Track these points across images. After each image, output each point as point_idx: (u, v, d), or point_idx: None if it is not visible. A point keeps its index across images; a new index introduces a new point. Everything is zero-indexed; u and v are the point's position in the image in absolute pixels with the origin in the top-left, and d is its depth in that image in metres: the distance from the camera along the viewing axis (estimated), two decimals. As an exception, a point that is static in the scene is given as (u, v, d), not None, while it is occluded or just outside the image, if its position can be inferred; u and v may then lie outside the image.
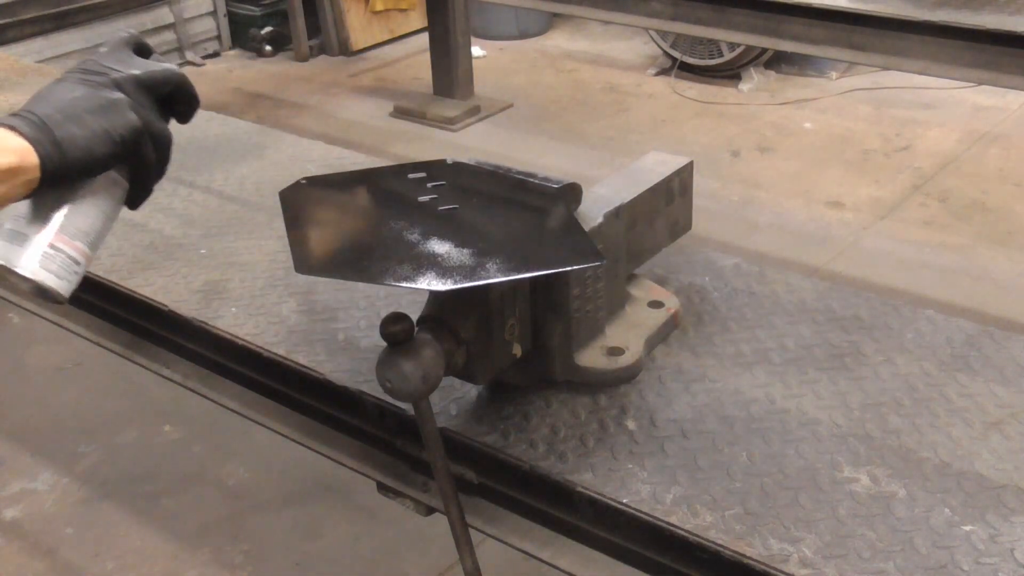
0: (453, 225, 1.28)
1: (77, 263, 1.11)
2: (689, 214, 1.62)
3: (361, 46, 6.31)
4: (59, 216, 1.10)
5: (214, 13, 6.31)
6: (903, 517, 1.17)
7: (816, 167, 4.64)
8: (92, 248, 1.13)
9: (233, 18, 6.39)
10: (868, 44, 3.21)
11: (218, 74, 6.14)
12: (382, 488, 1.47)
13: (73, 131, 1.05)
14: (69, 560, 2.72)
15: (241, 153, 2.17)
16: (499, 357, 1.29)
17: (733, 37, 3.57)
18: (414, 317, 1.21)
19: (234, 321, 1.61)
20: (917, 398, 1.36)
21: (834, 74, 5.54)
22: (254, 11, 6.29)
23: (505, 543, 1.35)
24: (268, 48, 6.29)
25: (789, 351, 1.46)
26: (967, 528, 1.15)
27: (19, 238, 1.10)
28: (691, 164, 1.59)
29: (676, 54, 5.62)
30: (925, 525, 1.16)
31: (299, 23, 6.16)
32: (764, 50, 5.26)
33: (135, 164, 1.13)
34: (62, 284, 1.10)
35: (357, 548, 2.72)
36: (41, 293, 1.10)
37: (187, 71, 6.08)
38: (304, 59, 6.23)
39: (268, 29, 6.28)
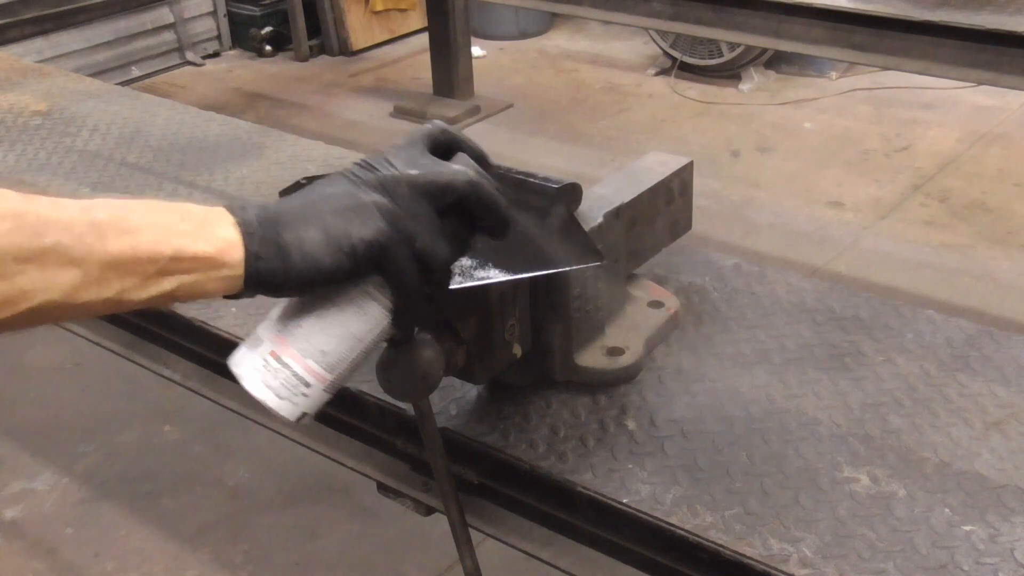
0: (453, 225, 1.28)
1: (306, 384, 0.95)
2: (689, 214, 1.62)
3: (361, 46, 6.31)
4: (293, 327, 0.95)
5: (214, 13, 6.31)
6: (903, 517, 1.17)
7: (816, 167, 4.64)
8: (330, 371, 0.96)
9: (233, 18, 6.39)
10: (868, 44, 3.21)
11: (218, 74, 6.15)
12: (382, 488, 1.47)
13: (303, 232, 0.90)
14: (69, 560, 2.72)
15: (241, 153, 2.17)
16: (499, 357, 1.29)
17: (733, 37, 3.57)
18: (414, 317, 1.21)
19: (234, 321, 1.61)
20: (917, 398, 1.36)
21: (834, 74, 5.54)
22: (254, 11, 6.29)
23: (505, 543, 1.35)
24: (268, 48, 6.29)
25: (789, 351, 1.46)
26: (967, 528, 1.15)
27: (255, 342, 0.97)
28: (691, 164, 1.59)
29: (676, 54, 5.62)
30: (925, 525, 1.16)
31: (299, 23, 6.16)
32: (764, 50, 5.26)
33: (390, 282, 0.95)
34: (283, 405, 0.95)
35: (357, 548, 2.72)
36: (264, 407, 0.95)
37: (187, 71, 6.13)
38: (304, 59, 6.23)
39: (268, 29, 6.28)
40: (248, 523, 2.81)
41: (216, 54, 6.38)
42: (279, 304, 0.99)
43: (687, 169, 1.58)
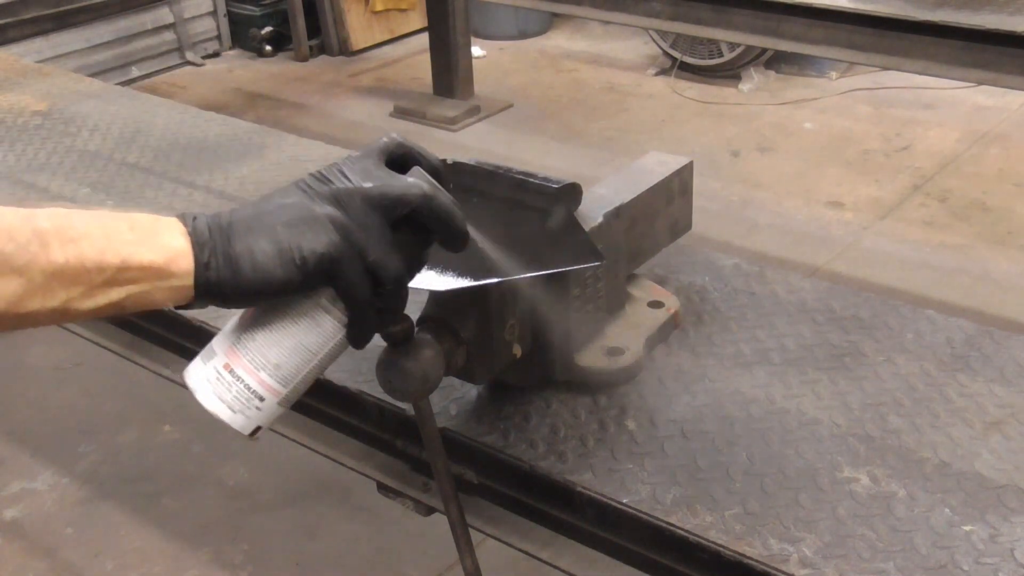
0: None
1: (260, 398, 0.94)
2: (689, 214, 1.62)
3: (361, 46, 6.31)
4: (247, 340, 0.94)
5: (214, 13, 6.31)
6: (903, 517, 1.17)
7: (816, 167, 4.64)
8: (284, 385, 0.95)
9: (233, 18, 6.39)
10: (868, 44, 3.21)
11: (218, 74, 6.15)
12: (382, 488, 1.47)
13: (253, 243, 0.90)
14: (69, 560, 2.72)
15: (241, 153, 2.17)
16: (499, 357, 1.29)
17: (733, 37, 3.57)
18: (414, 317, 1.21)
19: (234, 321, 1.61)
20: (917, 398, 1.36)
21: (834, 74, 5.54)
22: (254, 11, 6.29)
23: (505, 543, 1.35)
24: (268, 48, 6.29)
25: (789, 351, 1.46)
26: (967, 528, 1.15)
27: (209, 354, 0.96)
28: (691, 164, 1.59)
29: (676, 54, 5.62)
30: (925, 525, 1.16)
31: (299, 23, 6.16)
32: (764, 50, 5.26)
33: (341, 295, 0.95)
34: (236, 419, 0.94)
35: (357, 548, 2.72)
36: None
37: (187, 71, 6.13)
38: (304, 59, 6.23)
39: (268, 29, 6.28)
40: (248, 523, 2.81)
41: (216, 54, 6.38)
42: (234, 316, 0.98)
43: (687, 169, 1.58)
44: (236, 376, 0.94)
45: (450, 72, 5.24)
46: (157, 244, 0.89)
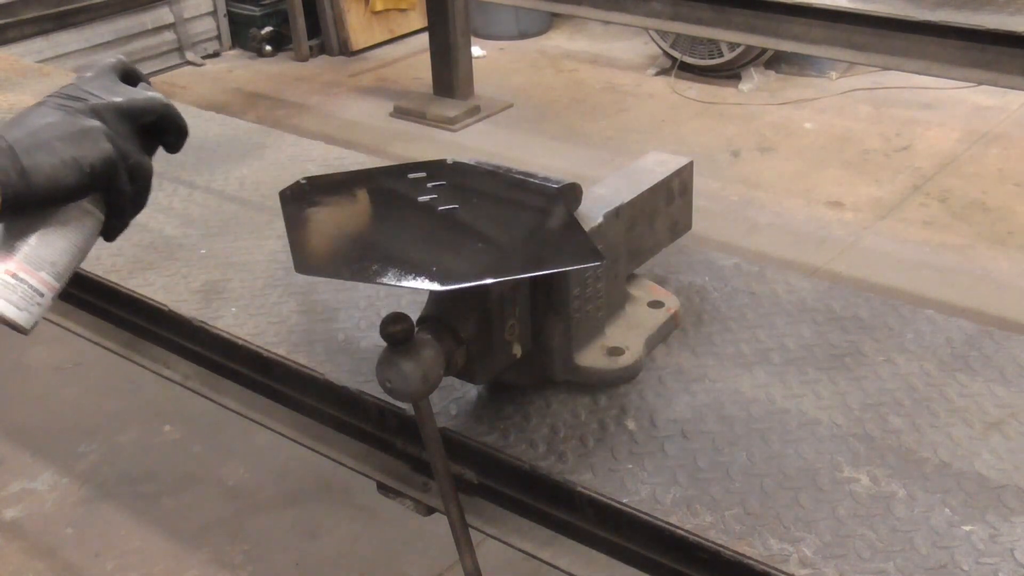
0: (453, 225, 1.28)
1: (40, 294, 1.06)
2: (689, 214, 1.62)
3: (361, 46, 6.31)
4: (23, 245, 1.05)
5: (214, 13, 6.31)
6: (903, 517, 1.17)
7: (816, 167, 4.64)
8: (59, 280, 1.08)
9: (233, 18, 6.39)
10: (868, 44, 3.21)
11: (218, 74, 6.15)
12: (382, 488, 1.47)
13: (40, 158, 1.01)
14: (69, 560, 2.72)
15: (241, 153, 2.17)
16: (499, 357, 1.29)
17: (733, 37, 3.57)
18: (414, 317, 1.21)
19: (234, 321, 1.61)
20: (917, 398, 1.36)
21: (834, 74, 5.54)
22: (254, 11, 6.30)
23: (505, 543, 1.35)
24: (268, 48, 6.29)
25: (789, 351, 1.46)
26: (967, 528, 1.15)
27: None
28: (691, 164, 1.59)
29: (676, 54, 5.62)
30: (925, 525, 1.16)
31: (299, 23, 6.16)
32: (764, 50, 5.27)
33: (110, 195, 1.08)
34: (22, 315, 1.05)
35: (357, 548, 2.72)
36: (2, 322, 1.05)
37: (187, 71, 6.13)
38: (304, 59, 6.23)
39: (268, 29, 6.28)
40: (248, 523, 2.81)
41: (216, 54, 6.38)
42: None
43: (687, 169, 1.58)
44: (20, 279, 1.05)
45: (450, 72, 5.24)
46: None
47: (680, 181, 1.57)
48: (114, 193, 1.08)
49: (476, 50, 5.72)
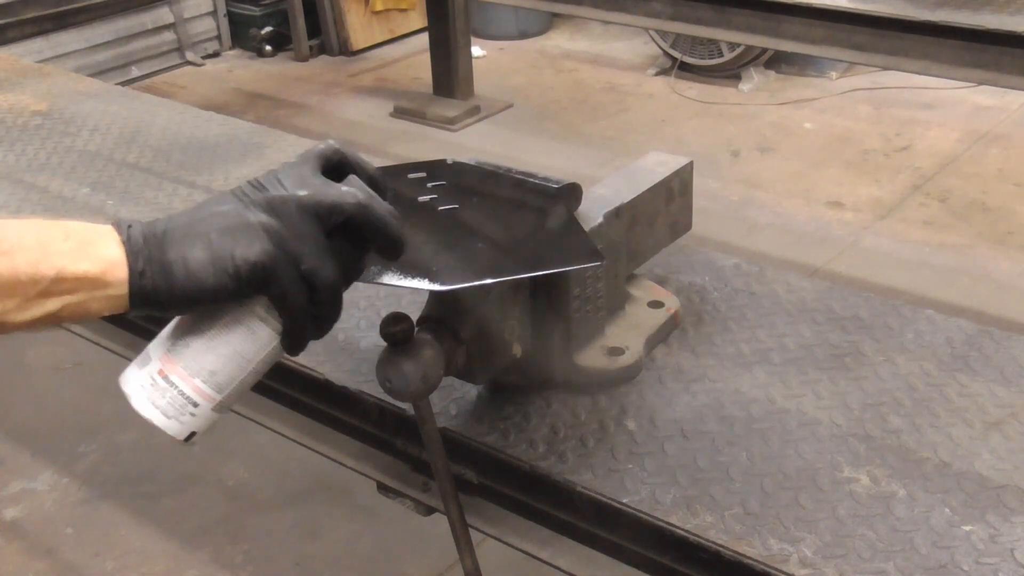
0: (453, 225, 1.28)
1: (194, 404, 0.95)
2: (689, 214, 1.62)
3: (361, 46, 6.31)
4: (183, 348, 0.94)
5: (214, 13, 6.31)
6: (903, 517, 1.17)
7: (816, 167, 4.64)
8: (219, 392, 0.96)
9: (233, 18, 6.39)
10: (868, 44, 3.21)
11: (218, 74, 6.15)
12: (382, 488, 1.47)
13: (188, 253, 0.90)
14: (69, 560, 2.72)
15: (241, 153, 2.17)
16: (499, 357, 1.29)
17: (733, 37, 3.57)
18: (414, 317, 1.21)
19: (234, 321, 1.60)
20: (917, 398, 1.36)
21: (834, 74, 5.54)
22: (254, 11, 6.29)
23: (505, 543, 1.35)
24: (268, 48, 6.29)
25: (789, 351, 1.46)
26: (967, 528, 1.15)
27: (144, 360, 0.96)
28: (691, 164, 1.59)
29: (676, 54, 5.62)
30: (925, 525, 1.16)
31: (299, 23, 6.16)
32: (764, 50, 5.26)
33: (275, 304, 0.94)
34: (171, 424, 0.95)
35: (357, 548, 2.72)
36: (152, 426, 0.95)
37: (187, 71, 6.13)
38: (304, 59, 6.23)
39: (268, 29, 6.28)
40: (248, 523, 2.81)
41: (216, 54, 6.38)
42: (171, 324, 0.98)
43: (687, 169, 1.58)
44: (170, 382, 0.95)
45: (450, 72, 5.24)
46: (92, 254, 0.89)
47: (680, 181, 1.57)
48: (278, 300, 0.94)
49: (476, 50, 5.72)
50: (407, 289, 1.25)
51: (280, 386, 1.56)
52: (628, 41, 6.23)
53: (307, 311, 0.95)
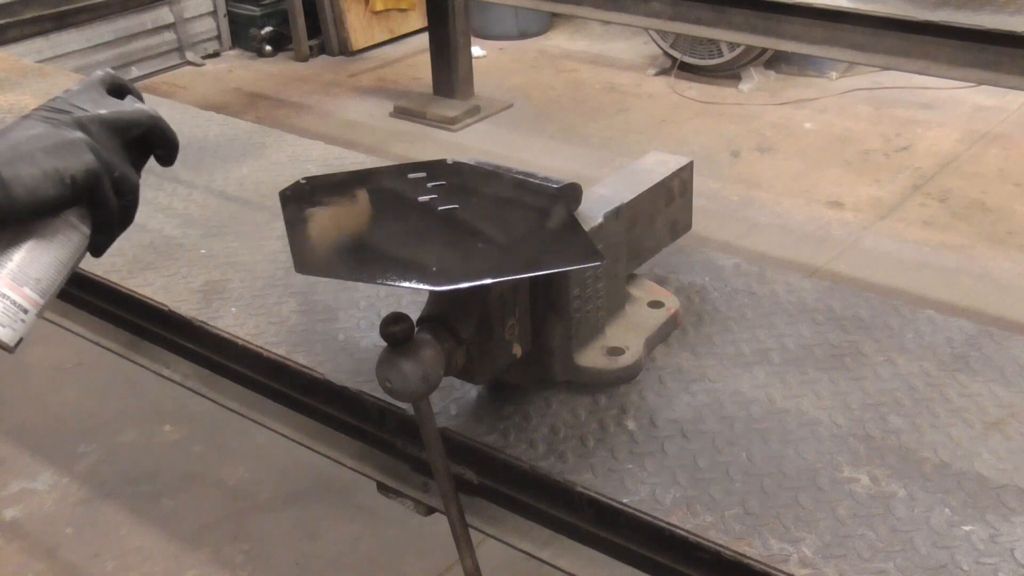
0: (453, 225, 1.28)
1: (24, 311, 1.04)
2: (689, 214, 1.62)
3: (361, 46, 6.31)
4: (6, 260, 1.03)
5: (214, 13, 6.31)
6: (903, 517, 1.17)
7: (816, 167, 4.64)
8: (43, 296, 1.05)
9: (233, 18, 6.39)
10: (868, 44, 3.21)
11: (218, 74, 6.15)
12: (382, 488, 1.47)
13: (21, 170, 0.99)
14: (69, 560, 2.72)
15: (241, 153, 2.17)
16: (499, 357, 1.29)
17: (733, 37, 3.57)
18: (414, 317, 1.21)
19: (234, 321, 1.61)
20: (917, 398, 1.36)
21: (834, 74, 5.54)
22: (254, 11, 6.30)
23: (505, 543, 1.35)
24: (268, 48, 6.29)
25: (789, 351, 1.46)
26: (967, 528, 1.15)
27: None
28: (691, 164, 1.59)
29: (676, 54, 5.62)
30: (925, 525, 1.16)
31: (299, 23, 6.16)
32: (764, 50, 5.26)
33: (94, 209, 1.06)
34: (5, 332, 1.03)
35: (357, 548, 2.72)
36: None
37: (187, 71, 6.13)
38: (304, 59, 6.23)
39: (268, 29, 6.28)
40: (248, 523, 2.81)
41: (216, 54, 6.38)
42: None
43: (687, 169, 1.58)
44: (2, 295, 1.03)
45: (450, 72, 5.24)
46: None
47: (680, 181, 1.57)
48: (99, 206, 1.06)
49: (476, 50, 5.72)
50: (407, 289, 1.25)
51: (280, 386, 1.57)
52: (628, 41, 6.23)
53: (118, 213, 1.09)
